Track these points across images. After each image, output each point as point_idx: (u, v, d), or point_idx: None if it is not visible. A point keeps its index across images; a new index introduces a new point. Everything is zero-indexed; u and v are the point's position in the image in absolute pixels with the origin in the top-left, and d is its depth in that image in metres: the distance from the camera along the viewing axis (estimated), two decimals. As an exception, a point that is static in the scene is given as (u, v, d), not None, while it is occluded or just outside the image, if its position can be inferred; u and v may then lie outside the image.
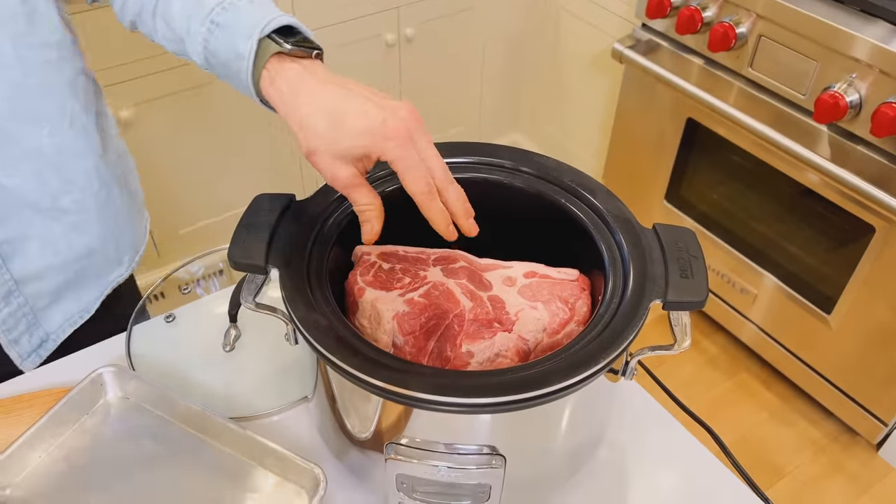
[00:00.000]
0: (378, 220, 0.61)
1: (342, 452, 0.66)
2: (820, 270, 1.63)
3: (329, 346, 0.54)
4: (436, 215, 0.58)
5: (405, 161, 0.57)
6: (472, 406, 0.52)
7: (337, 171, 0.58)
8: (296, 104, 0.59)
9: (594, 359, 0.53)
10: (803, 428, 1.76)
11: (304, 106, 0.58)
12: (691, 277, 0.59)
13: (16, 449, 0.64)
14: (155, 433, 0.68)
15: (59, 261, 0.78)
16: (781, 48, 1.46)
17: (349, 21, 1.82)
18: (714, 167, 1.78)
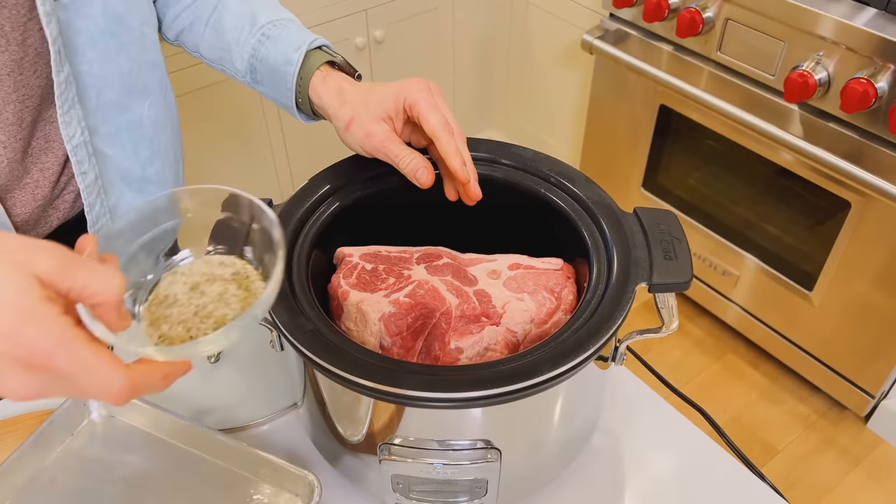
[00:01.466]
0: (427, 166, 0.64)
1: (335, 457, 0.65)
2: (799, 248, 1.65)
3: (316, 349, 0.53)
4: (452, 151, 0.62)
5: (428, 101, 0.63)
6: (464, 401, 0.51)
7: (373, 128, 0.64)
8: (341, 92, 0.68)
9: (583, 346, 0.53)
10: (792, 405, 1.77)
11: (348, 93, 0.68)
12: (675, 259, 0.59)
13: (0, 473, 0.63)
14: (143, 450, 0.67)
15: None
16: (748, 30, 1.47)
17: (318, 25, 1.81)
18: (689, 152, 1.79)
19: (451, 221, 0.71)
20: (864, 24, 1.29)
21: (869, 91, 1.29)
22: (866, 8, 1.33)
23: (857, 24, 1.29)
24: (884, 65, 1.29)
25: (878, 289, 1.50)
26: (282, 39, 0.73)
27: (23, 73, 0.65)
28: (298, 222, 0.64)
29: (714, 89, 1.57)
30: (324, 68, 0.71)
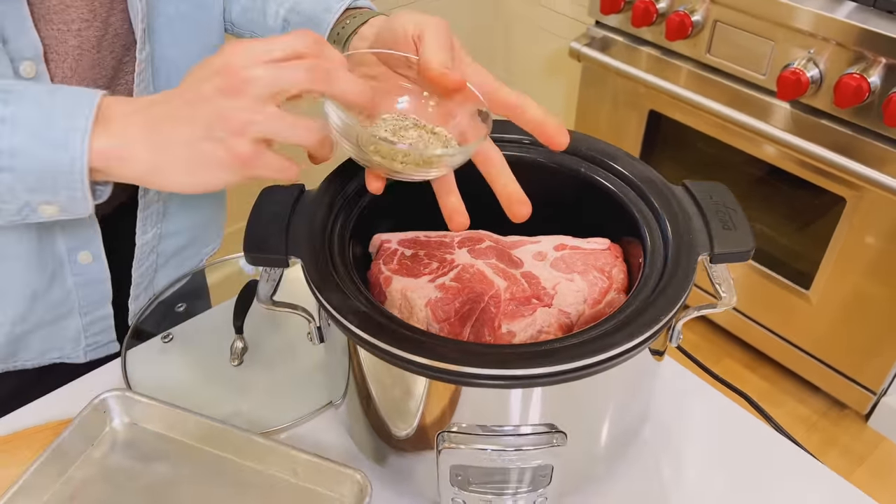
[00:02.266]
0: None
1: (383, 455, 0.61)
2: (795, 247, 1.66)
3: (371, 330, 0.50)
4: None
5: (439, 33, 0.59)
6: (535, 377, 0.48)
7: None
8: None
9: (657, 316, 0.50)
10: (793, 407, 1.77)
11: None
12: (734, 229, 0.57)
13: (16, 491, 0.57)
14: (170, 456, 0.62)
15: (190, 223, 0.82)
16: (737, 31, 1.48)
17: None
18: (680, 157, 1.79)
19: (487, 207, 0.68)
20: (853, 18, 1.31)
21: (862, 86, 1.31)
22: (854, 3, 1.35)
23: (845, 19, 1.31)
24: (875, 59, 1.31)
25: (875, 283, 1.51)
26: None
27: (100, 52, 0.65)
28: (335, 206, 0.61)
29: (704, 91, 1.58)
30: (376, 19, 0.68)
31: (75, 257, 0.71)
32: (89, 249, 0.71)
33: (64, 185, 0.49)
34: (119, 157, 0.48)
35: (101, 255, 0.72)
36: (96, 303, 0.75)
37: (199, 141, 0.46)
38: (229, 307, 0.76)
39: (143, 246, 0.77)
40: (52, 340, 0.75)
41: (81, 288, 0.73)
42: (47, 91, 0.49)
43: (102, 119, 0.48)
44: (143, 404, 0.63)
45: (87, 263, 0.72)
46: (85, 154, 0.47)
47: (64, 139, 0.47)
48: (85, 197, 0.50)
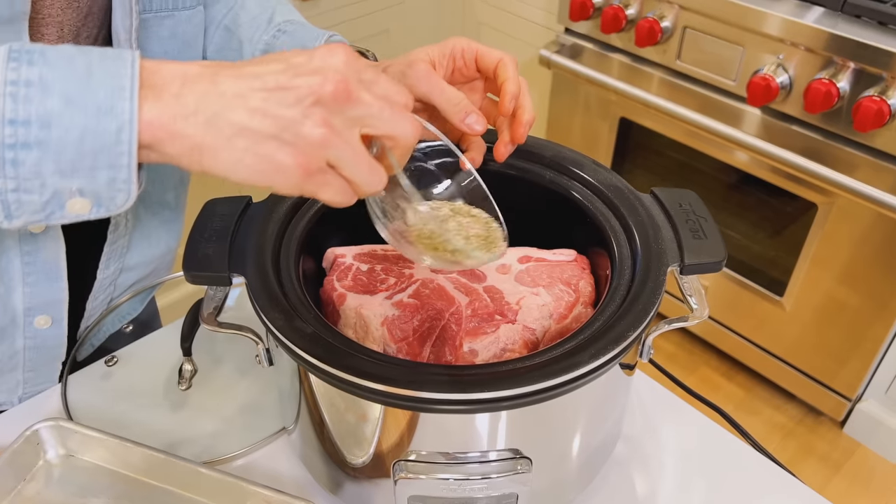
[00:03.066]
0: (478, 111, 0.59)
1: (336, 485, 0.57)
2: (768, 254, 1.64)
3: (319, 354, 0.46)
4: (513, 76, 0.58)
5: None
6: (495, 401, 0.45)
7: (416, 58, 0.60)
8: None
9: (624, 332, 0.47)
10: (769, 415, 1.75)
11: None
12: (705, 238, 0.54)
13: (-62, 533, 0.53)
14: (110, 491, 0.58)
15: (150, 256, 0.77)
16: (707, 37, 1.47)
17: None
18: (652, 164, 1.78)
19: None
20: (822, 24, 1.30)
21: (832, 91, 1.30)
22: (821, 8, 1.34)
23: (814, 24, 1.30)
24: (844, 64, 1.30)
25: (848, 289, 1.50)
26: (297, 34, 0.72)
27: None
28: (284, 220, 0.57)
29: (674, 98, 1.56)
30: None
31: (31, 320, 0.66)
32: (49, 313, 0.66)
33: (106, 162, 0.40)
34: (171, 132, 0.40)
35: (62, 318, 0.67)
36: (45, 364, 0.70)
37: (266, 137, 0.40)
38: (178, 328, 0.71)
39: (103, 280, 0.72)
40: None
41: (31, 350, 0.68)
42: (77, 49, 0.40)
43: (147, 83, 0.40)
44: (81, 435, 0.59)
45: (43, 328, 0.67)
46: (135, 120, 0.39)
47: (109, 102, 0.39)
48: (129, 179, 0.41)
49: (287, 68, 0.41)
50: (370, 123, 0.41)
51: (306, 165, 0.40)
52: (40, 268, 0.63)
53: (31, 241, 0.62)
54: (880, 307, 1.47)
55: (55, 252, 0.63)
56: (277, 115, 0.40)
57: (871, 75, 1.27)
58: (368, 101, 0.41)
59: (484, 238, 0.54)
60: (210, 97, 0.40)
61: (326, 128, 0.40)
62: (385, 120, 0.42)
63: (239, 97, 0.40)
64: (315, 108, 0.40)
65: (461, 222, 0.56)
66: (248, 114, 0.40)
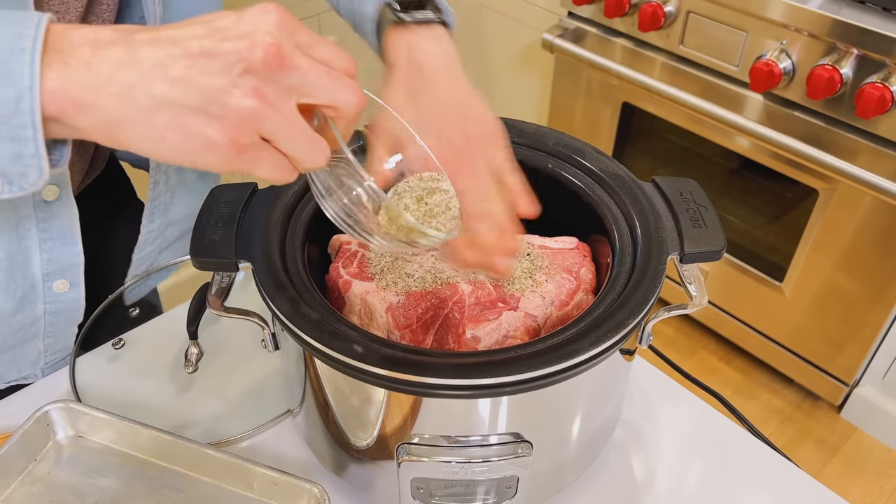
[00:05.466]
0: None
1: (340, 467, 0.59)
2: (768, 240, 1.65)
3: (324, 339, 0.47)
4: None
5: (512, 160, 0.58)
6: (496, 387, 0.46)
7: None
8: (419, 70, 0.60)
9: (624, 319, 0.48)
10: (767, 399, 1.77)
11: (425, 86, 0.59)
12: (705, 227, 0.55)
13: (-49, 511, 0.54)
14: (118, 471, 0.59)
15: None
16: (710, 22, 1.47)
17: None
18: (653, 149, 1.78)
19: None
20: (826, 9, 1.30)
21: (835, 77, 1.30)
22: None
23: (818, 9, 1.30)
24: (847, 50, 1.30)
25: (847, 274, 1.51)
26: None
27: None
28: (290, 206, 0.58)
29: (677, 83, 1.56)
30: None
31: (50, 284, 0.66)
32: (67, 277, 0.67)
33: (7, 134, 0.36)
34: (80, 104, 0.36)
35: (79, 282, 0.68)
36: (64, 328, 0.71)
37: (190, 111, 0.36)
38: (184, 311, 0.72)
39: (147, 234, 0.75)
40: (12, 364, 0.70)
41: (51, 315, 0.69)
42: None
43: (54, 48, 0.36)
44: (90, 416, 0.60)
45: (62, 292, 0.68)
46: (36, 88, 0.35)
47: (6, 66, 0.35)
48: (38, 154, 0.37)
49: (212, 32, 0.36)
50: (308, 92, 0.38)
51: (237, 140, 0.36)
52: (56, 234, 0.64)
53: (46, 208, 0.62)
54: (879, 293, 1.48)
55: (69, 218, 0.64)
56: (202, 85, 0.36)
57: (875, 62, 1.27)
58: (305, 67, 0.37)
59: (439, 215, 0.53)
60: (126, 66, 0.36)
61: (257, 98, 0.36)
62: (324, 88, 0.38)
63: (158, 66, 0.36)
64: (244, 77, 0.36)
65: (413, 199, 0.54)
66: (170, 85, 0.36)
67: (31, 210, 0.62)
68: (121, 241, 0.78)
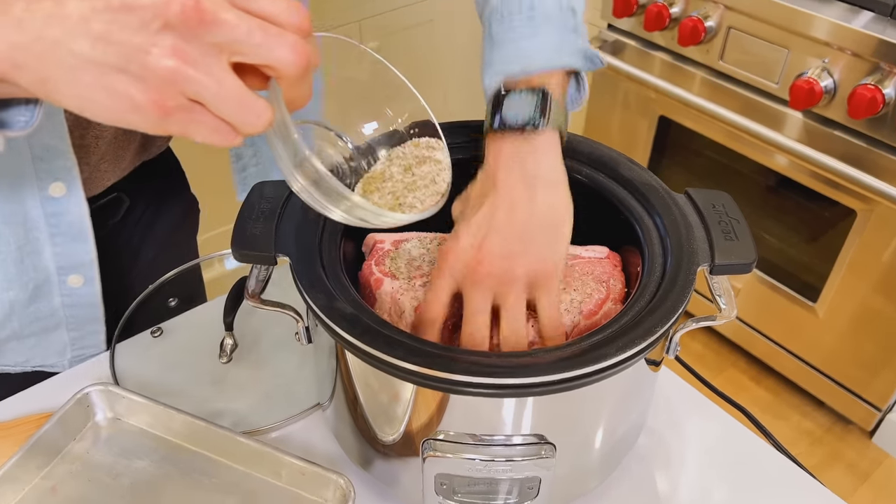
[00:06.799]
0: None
1: (366, 461, 0.60)
2: (803, 259, 1.63)
3: (356, 333, 0.49)
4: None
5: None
6: (522, 387, 0.47)
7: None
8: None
9: (651, 328, 0.49)
10: (797, 421, 1.74)
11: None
12: (737, 239, 0.55)
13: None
14: (153, 454, 0.61)
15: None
16: (751, 38, 1.46)
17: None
18: (689, 164, 1.77)
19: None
20: (870, 29, 1.29)
21: (877, 97, 1.29)
22: (870, 13, 1.33)
23: (862, 29, 1.29)
24: (890, 70, 1.28)
25: (883, 298, 1.49)
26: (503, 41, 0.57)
27: None
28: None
29: (715, 98, 1.55)
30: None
31: (65, 278, 0.67)
32: (80, 273, 0.68)
33: None
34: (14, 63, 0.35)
35: (93, 278, 0.69)
36: (86, 322, 0.72)
37: (112, 70, 0.34)
38: (222, 303, 0.74)
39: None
40: (35, 351, 0.72)
41: (70, 308, 0.70)
42: None
43: None
44: (128, 400, 0.62)
45: (76, 286, 0.69)
46: None
47: None
48: None
49: None
50: (238, 50, 0.35)
51: (160, 103, 0.34)
52: (65, 230, 0.65)
53: (53, 203, 0.63)
54: (916, 318, 1.45)
55: (78, 215, 0.64)
56: (121, 42, 0.33)
57: (919, 83, 1.26)
58: (232, 22, 0.34)
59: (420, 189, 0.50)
60: (54, 20, 0.34)
61: (177, 58, 0.33)
62: (256, 45, 0.35)
63: (83, 21, 0.33)
64: (163, 35, 0.33)
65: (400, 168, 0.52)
66: (91, 42, 0.34)
67: (37, 203, 0.62)
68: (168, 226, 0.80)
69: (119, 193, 0.74)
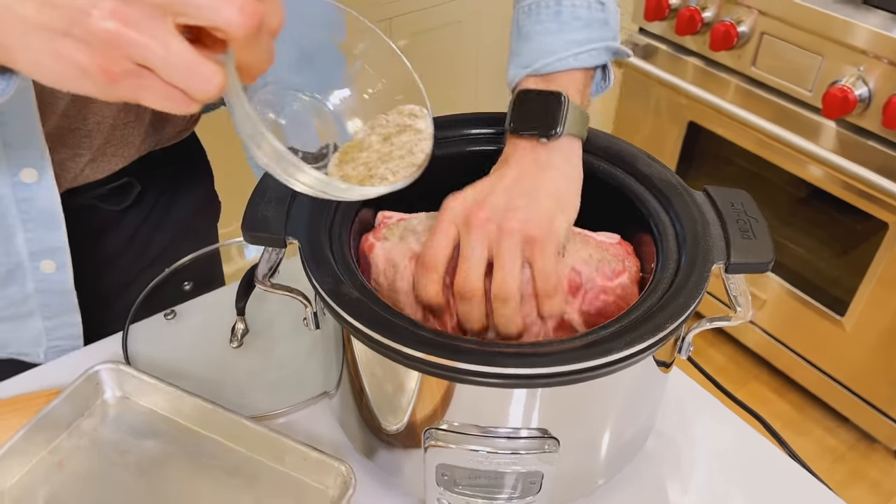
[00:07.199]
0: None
1: (371, 450, 0.59)
2: (831, 272, 1.60)
3: (361, 317, 0.48)
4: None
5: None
6: (524, 378, 0.46)
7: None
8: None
9: (662, 324, 0.48)
10: (820, 437, 1.71)
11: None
12: (754, 238, 0.54)
13: (2, 455, 0.57)
14: (160, 434, 0.62)
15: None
16: (784, 44, 1.44)
17: (341, 32, 1.79)
18: (718, 171, 1.75)
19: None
20: (909, 37, 1.26)
21: (913, 107, 1.26)
22: (910, 22, 1.30)
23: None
24: (928, 80, 1.25)
25: (914, 315, 1.45)
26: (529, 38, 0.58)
27: None
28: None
29: (747, 105, 1.53)
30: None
31: (37, 264, 0.67)
32: (53, 258, 0.67)
33: None
34: None
35: (64, 265, 0.68)
36: (60, 311, 0.71)
37: (58, 34, 0.33)
38: (234, 289, 0.75)
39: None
40: (11, 336, 0.71)
41: (42, 294, 0.69)
42: None
43: None
44: (137, 379, 0.63)
45: (49, 272, 0.68)
46: None
47: None
48: None
49: None
50: (181, 11, 0.33)
51: (106, 67, 0.33)
52: (36, 216, 0.64)
53: (25, 189, 0.63)
54: (947, 335, 1.41)
55: (49, 201, 0.64)
56: (64, 5, 0.33)
57: (957, 93, 1.22)
58: None
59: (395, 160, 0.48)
60: None
61: (117, 20, 0.32)
62: (200, 6, 0.33)
63: None
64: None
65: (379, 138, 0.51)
66: (37, 6, 0.33)
67: (9, 189, 0.62)
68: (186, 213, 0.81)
69: (130, 179, 0.74)
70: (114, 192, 0.73)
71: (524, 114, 0.57)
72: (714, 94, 1.56)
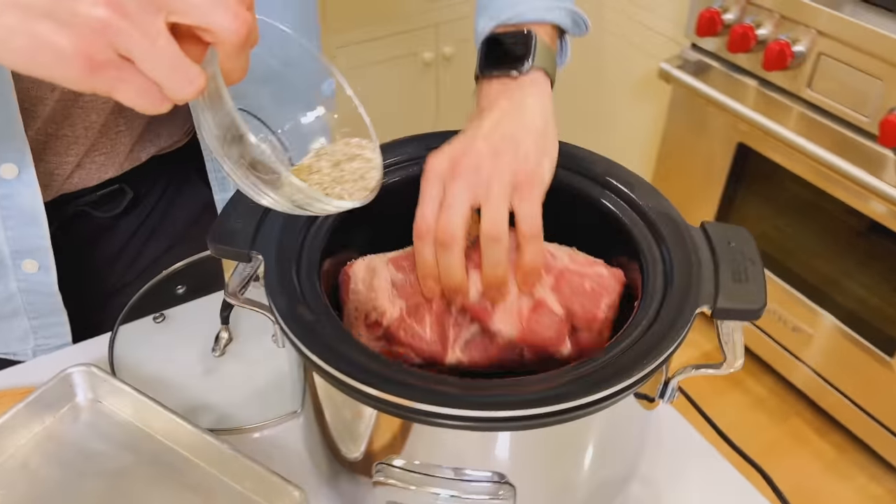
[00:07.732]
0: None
1: (332, 476, 0.57)
2: (884, 310, 1.50)
3: (312, 343, 0.46)
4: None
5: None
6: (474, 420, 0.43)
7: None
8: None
9: (626, 371, 0.44)
10: (863, 483, 1.60)
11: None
12: (745, 281, 0.50)
13: (-32, 452, 0.57)
14: (126, 442, 0.61)
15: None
16: (843, 67, 1.35)
17: (385, 38, 1.78)
18: (767, 196, 1.66)
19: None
20: (978, 65, 1.17)
21: (978, 139, 1.17)
22: (980, 48, 1.20)
23: (968, 64, 1.17)
24: None
25: (972, 362, 1.34)
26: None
27: None
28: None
29: (800, 129, 1.45)
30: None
31: (19, 263, 0.66)
32: (35, 258, 0.66)
33: None
34: None
35: (48, 265, 0.67)
36: (46, 311, 0.70)
37: (38, 15, 0.32)
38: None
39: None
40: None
41: (26, 294, 0.68)
42: None
43: None
44: (109, 384, 0.62)
45: (31, 272, 0.67)
46: None
47: None
48: None
49: None
50: (175, 9, 0.33)
51: (88, 54, 0.32)
52: (16, 213, 0.63)
53: (5, 185, 0.62)
54: None
55: (30, 198, 0.63)
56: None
57: None
58: None
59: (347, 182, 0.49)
60: None
61: (111, 8, 0.32)
62: (194, 6, 0.33)
63: None
64: None
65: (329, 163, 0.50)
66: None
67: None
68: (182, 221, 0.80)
69: (122, 185, 0.73)
70: (104, 198, 0.73)
71: (494, 55, 0.58)
72: (766, 115, 1.48)
